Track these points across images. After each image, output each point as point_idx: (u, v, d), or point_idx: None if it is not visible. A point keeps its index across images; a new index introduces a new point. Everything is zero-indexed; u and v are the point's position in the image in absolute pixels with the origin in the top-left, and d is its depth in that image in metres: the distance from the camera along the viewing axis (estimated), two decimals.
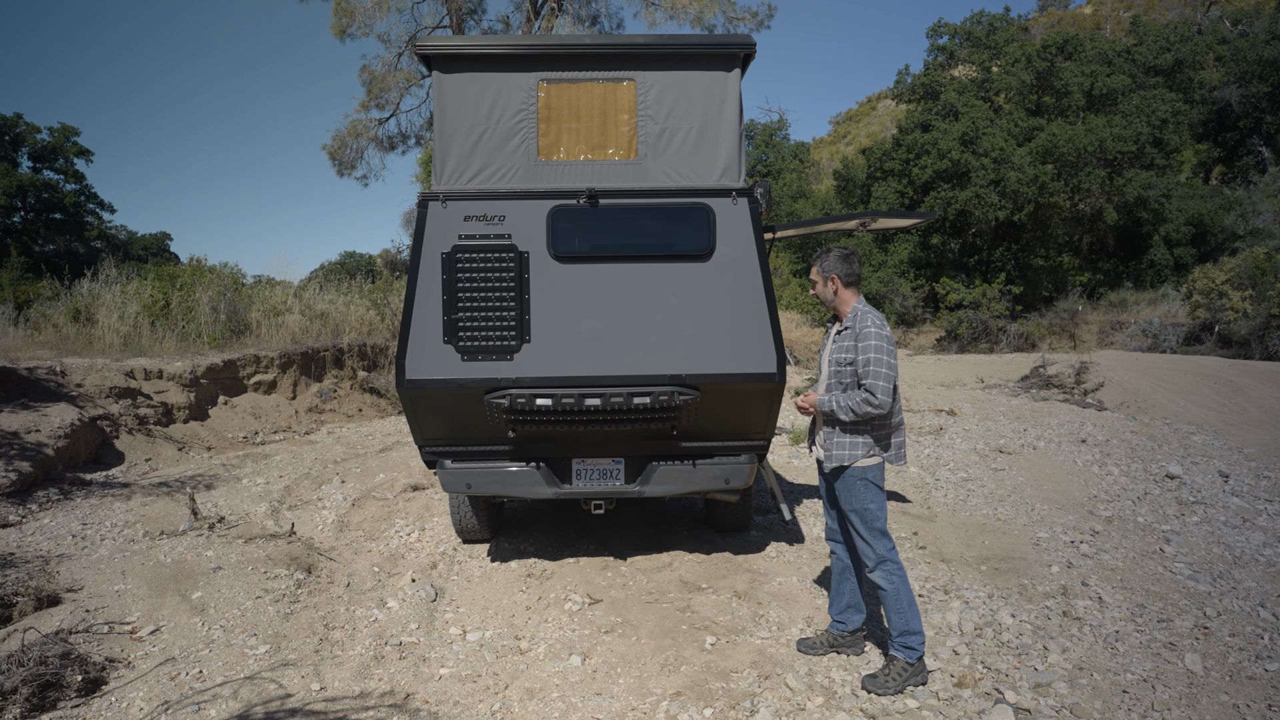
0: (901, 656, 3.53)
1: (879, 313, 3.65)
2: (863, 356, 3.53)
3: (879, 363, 3.49)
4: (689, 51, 4.34)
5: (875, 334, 3.53)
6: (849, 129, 51.58)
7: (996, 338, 25.94)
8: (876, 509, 3.59)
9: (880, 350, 3.50)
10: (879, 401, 3.47)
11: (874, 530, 3.58)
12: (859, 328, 3.60)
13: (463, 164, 4.34)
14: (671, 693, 3.44)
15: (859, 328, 3.60)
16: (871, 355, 3.50)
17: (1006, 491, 7.42)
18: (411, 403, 4.38)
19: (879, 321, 3.58)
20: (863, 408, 3.49)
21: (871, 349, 3.51)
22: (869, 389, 3.48)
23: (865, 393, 3.49)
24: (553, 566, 5.09)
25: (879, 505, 3.60)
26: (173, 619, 4.31)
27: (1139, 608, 4.49)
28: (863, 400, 3.49)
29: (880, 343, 3.52)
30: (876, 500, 3.59)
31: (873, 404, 3.48)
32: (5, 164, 32.52)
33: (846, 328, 3.66)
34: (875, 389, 3.47)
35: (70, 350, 11.22)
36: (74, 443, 7.95)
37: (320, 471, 8.01)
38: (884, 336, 3.53)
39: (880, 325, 3.57)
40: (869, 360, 3.50)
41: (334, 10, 23.15)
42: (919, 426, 11.12)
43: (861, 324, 3.60)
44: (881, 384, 3.47)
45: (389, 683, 3.64)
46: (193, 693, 3.52)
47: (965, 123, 26.77)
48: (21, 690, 3.30)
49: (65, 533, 5.87)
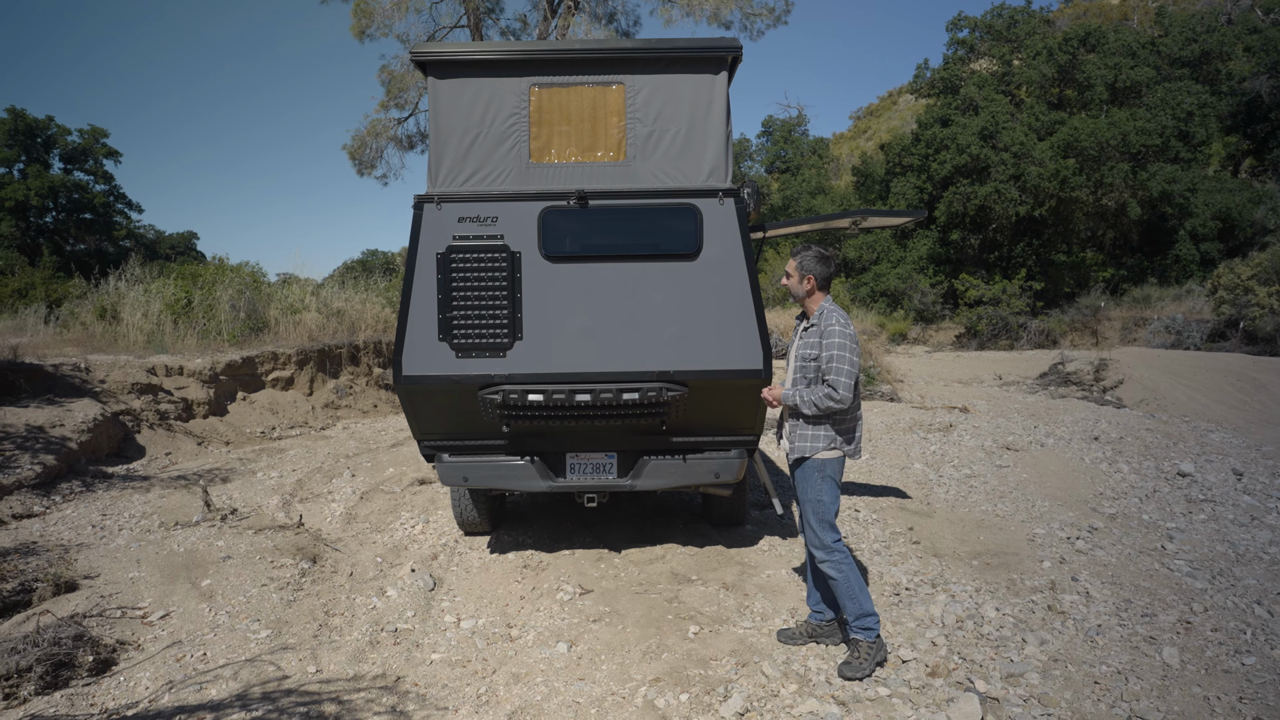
0: (863, 638, 3.67)
1: (844, 312, 3.79)
2: (826, 353, 3.66)
3: (841, 359, 3.62)
4: (676, 55, 4.44)
5: (839, 331, 3.66)
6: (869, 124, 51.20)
7: (1017, 334, 25.72)
8: (829, 501, 3.73)
9: (843, 348, 3.63)
10: (840, 396, 3.60)
11: (824, 522, 3.73)
12: (824, 325, 3.73)
13: (457, 167, 4.48)
14: (651, 679, 3.56)
15: (824, 325, 3.73)
16: (835, 352, 3.63)
17: (1009, 488, 7.43)
18: (409, 398, 4.53)
19: (843, 320, 3.72)
20: (825, 402, 3.63)
21: (835, 345, 3.64)
22: (831, 384, 3.62)
23: (828, 388, 3.63)
24: (549, 558, 5.22)
25: (832, 498, 3.74)
26: (182, 605, 4.51)
27: (1125, 603, 4.53)
28: (825, 395, 3.63)
29: (844, 340, 3.64)
30: (830, 493, 3.74)
31: (834, 399, 3.61)
32: (38, 165, 33.35)
33: (813, 325, 3.79)
34: (837, 384, 3.60)
35: (96, 347, 11.56)
36: (97, 437, 8.22)
37: (332, 466, 8.22)
38: (847, 335, 3.66)
39: (844, 324, 3.70)
40: (832, 357, 3.64)
41: (353, 11, 23.43)
42: (928, 424, 11.11)
43: (826, 322, 3.73)
44: (844, 380, 3.60)
45: (382, 666, 3.80)
46: (196, 674, 3.70)
47: (985, 117, 26.55)
48: (36, 669, 3.50)
49: (85, 523, 6.11)
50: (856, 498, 6.93)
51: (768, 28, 26.36)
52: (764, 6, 26.08)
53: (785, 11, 26.17)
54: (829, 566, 3.69)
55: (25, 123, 33.65)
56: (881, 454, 9.11)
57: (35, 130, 34.09)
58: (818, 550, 3.74)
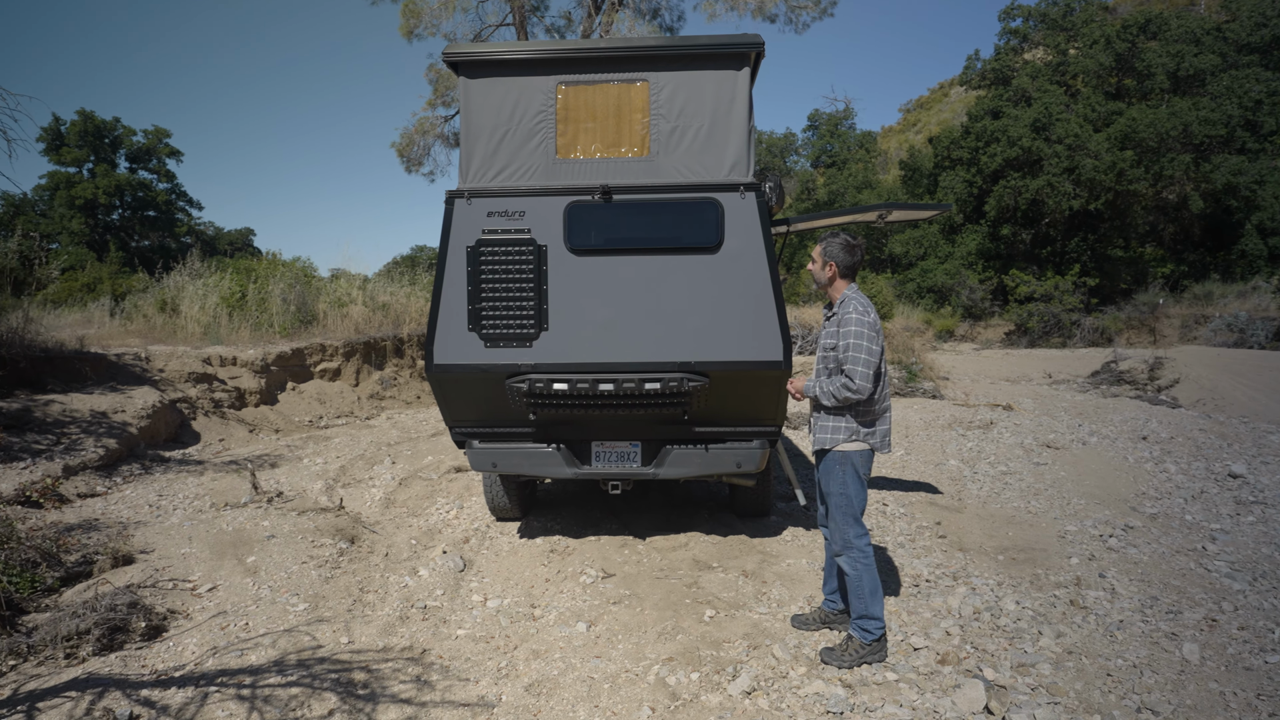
0: (857, 637, 3.66)
1: (865, 300, 3.71)
2: (843, 343, 3.60)
3: (858, 348, 3.55)
4: (700, 52, 4.52)
5: (856, 320, 3.59)
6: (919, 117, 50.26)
7: (1070, 332, 25.11)
8: (854, 495, 3.69)
9: (860, 336, 3.56)
10: (857, 386, 3.54)
11: (848, 516, 3.69)
12: (842, 314, 3.67)
13: (486, 163, 4.64)
14: (664, 658, 3.67)
15: (842, 314, 3.67)
16: (851, 341, 3.57)
17: (1044, 485, 7.34)
18: (440, 386, 4.71)
19: (862, 308, 3.63)
20: (842, 393, 3.58)
21: (851, 335, 3.57)
22: (848, 374, 3.56)
23: (844, 378, 3.57)
24: (575, 544, 5.37)
25: (857, 492, 3.69)
26: (228, 579, 4.77)
27: (1151, 600, 4.49)
28: (842, 385, 3.57)
29: (860, 329, 3.57)
30: (854, 487, 3.69)
31: (851, 389, 3.55)
32: (105, 165, 34.80)
33: (834, 314, 3.76)
34: (854, 374, 3.54)
35: (157, 338, 12.12)
36: (155, 423, 8.65)
37: (374, 453, 8.51)
38: (865, 323, 3.58)
39: (863, 312, 3.61)
40: (848, 346, 3.57)
41: (402, 11, 23.90)
42: (968, 420, 10.98)
43: (844, 310, 3.66)
44: (860, 369, 3.53)
45: (410, 639, 3.99)
46: (238, 641, 3.93)
47: (1038, 108, 25.91)
48: (94, 632, 3.77)
49: (143, 502, 6.47)
50: (886, 492, 6.93)
51: (813, 20, 26.09)
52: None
53: (831, 3, 25.88)
54: (845, 561, 3.70)
55: (94, 124, 35.19)
56: (917, 450, 9.06)
57: (103, 131, 35.62)
58: (837, 543, 3.73)
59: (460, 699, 3.38)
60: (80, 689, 3.35)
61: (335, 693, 3.40)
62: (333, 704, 3.31)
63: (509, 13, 25.23)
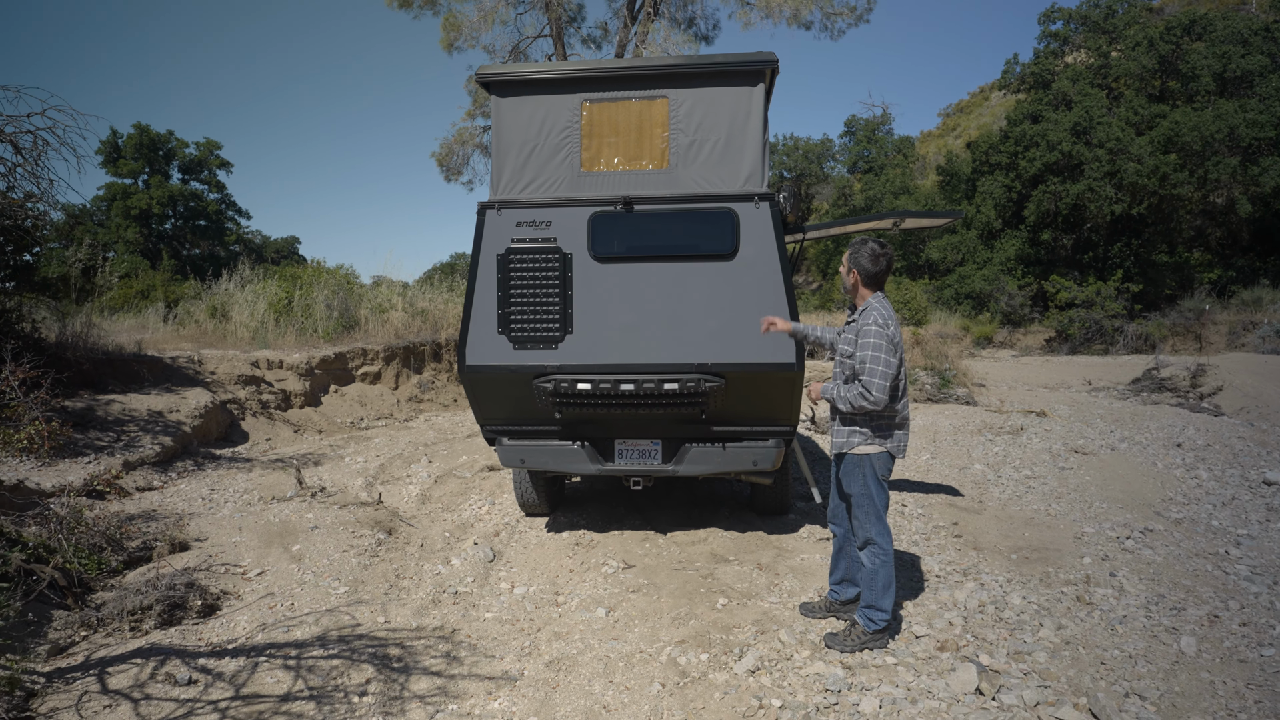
0: (861, 624, 3.82)
1: (887, 309, 3.76)
2: (860, 353, 3.68)
3: (875, 360, 3.62)
4: (716, 70, 4.77)
5: (876, 332, 3.65)
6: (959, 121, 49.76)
7: (1112, 339, 24.69)
8: (876, 495, 3.79)
9: (878, 349, 3.63)
10: (874, 399, 3.62)
11: (870, 514, 3.80)
12: (862, 323, 3.73)
13: (516, 176, 4.94)
14: (677, 640, 3.90)
15: (862, 323, 3.73)
16: (869, 354, 3.63)
17: (1068, 489, 7.40)
18: (471, 386, 5.01)
19: (882, 320, 3.69)
20: (858, 401, 3.66)
21: (870, 346, 3.64)
22: (865, 385, 3.64)
23: (860, 388, 3.65)
24: (599, 537, 5.63)
25: (879, 492, 3.80)
26: (275, 565, 5.12)
27: (1158, 597, 4.58)
28: (858, 395, 3.66)
29: (879, 340, 3.63)
30: (876, 488, 3.80)
31: (868, 399, 3.63)
32: (159, 176, 36.17)
33: (854, 320, 3.85)
34: (871, 386, 3.62)
35: (207, 342, 12.70)
36: (207, 422, 9.13)
37: (412, 453, 8.87)
38: (884, 335, 3.65)
39: (883, 324, 3.67)
40: (866, 358, 3.65)
41: (443, 25, 24.52)
42: (998, 426, 10.99)
43: (865, 320, 3.73)
44: (877, 381, 3.60)
45: (441, 620, 4.28)
46: (285, 619, 4.26)
47: (1078, 112, 25.60)
48: (155, 608, 4.13)
49: (196, 496, 6.89)
50: (907, 494, 7.06)
51: (849, 26, 26.15)
52: (845, 6, 25.91)
53: (867, 10, 25.92)
54: (865, 555, 3.82)
55: (149, 137, 36.64)
56: (943, 454, 9.14)
57: (158, 144, 37.07)
58: (860, 539, 3.85)
59: (486, 673, 3.66)
60: (145, 656, 3.69)
61: (373, 664, 3.69)
62: (370, 674, 3.61)
63: (546, 25, 25.73)
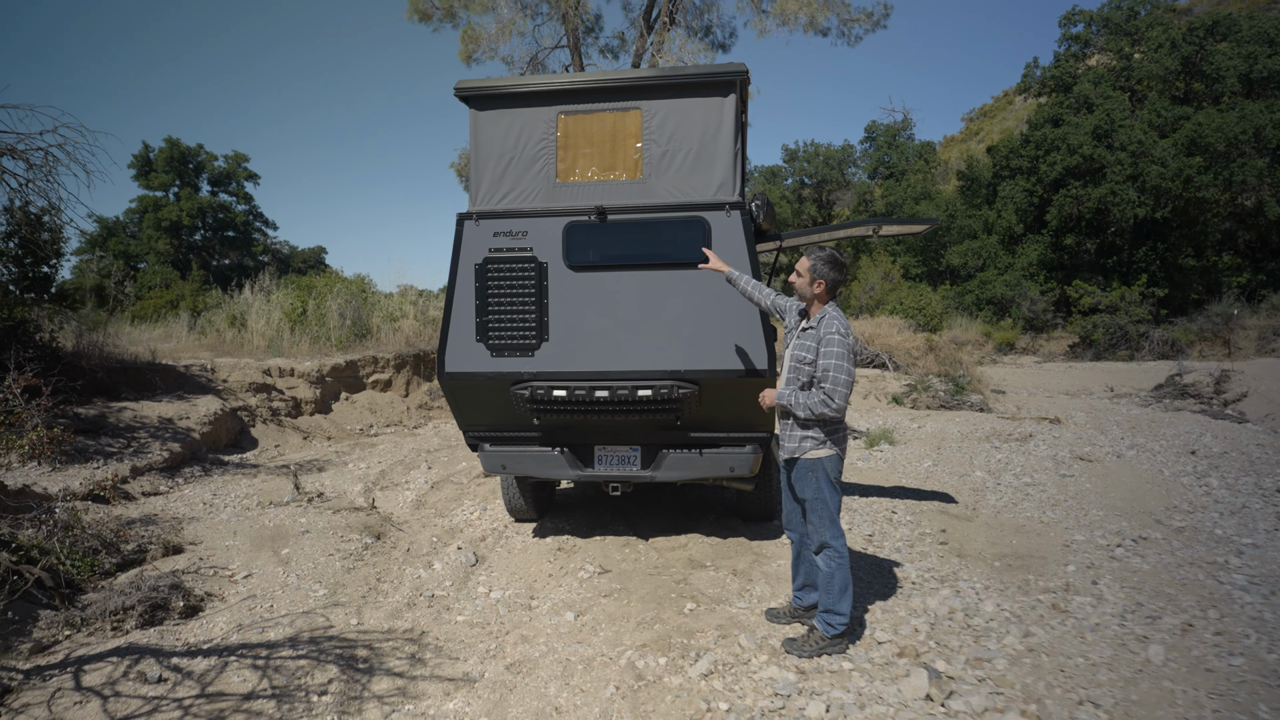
0: (820, 629, 3.85)
1: (844, 317, 3.82)
2: (823, 361, 3.72)
3: (839, 369, 3.67)
4: (688, 81, 4.83)
5: (839, 340, 3.70)
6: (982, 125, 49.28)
7: (1137, 344, 24.27)
8: (829, 498, 3.83)
9: (841, 358, 3.68)
10: (836, 406, 3.67)
11: (824, 518, 3.84)
12: (823, 331, 3.78)
13: (494, 188, 5.03)
14: (639, 644, 3.94)
15: (823, 331, 3.78)
16: (833, 362, 3.69)
17: (1066, 497, 7.32)
18: (451, 393, 5.10)
19: (843, 329, 3.75)
20: (820, 409, 3.70)
21: (834, 355, 3.69)
22: (828, 394, 3.68)
23: (823, 395, 3.69)
24: (581, 543, 5.69)
25: (831, 495, 3.84)
26: (263, 568, 5.25)
27: (1136, 606, 4.54)
28: (820, 402, 3.70)
29: (843, 350, 3.69)
30: (829, 490, 3.84)
31: (830, 407, 3.68)
32: (189, 189, 37.02)
33: (810, 328, 3.87)
34: (834, 394, 3.67)
35: (226, 350, 12.99)
36: (216, 429, 9.35)
37: (414, 459, 9.01)
38: (846, 344, 3.71)
39: (844, 333, 3.73)
40: (829, 367, 3.69)
41: (461, 38, 24.87)
42: (1006, 433, 10.88)
43: (826, 329, 3.77)
44: (840, 390, 3.66)
45: (412, 623, 4.37)
46: (262, 620, 4.38)
47: (1099, 115, 25.26)
48: (137, 608, 4.26)
49: (199, 501, 7.07)
50: (898, 500, 7.03)
51: (866, 32, 26.10)
52: (861, 11, 25.86)
53: (884, 15, 25.86)
54: (821, 559, 3.86)
55: (179, 151, 37.53)
56: (945, 461, 9.07)
57: (188, 157, 37.96)
58: (815, 542, 3.89)
59: (446, 674, 3.73)
60: (120, 655, 3.82)
61: (338, 665, 3.78)
62: (333, 674, 3.70)
63: (563, 36, 26.00)
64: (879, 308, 24.52)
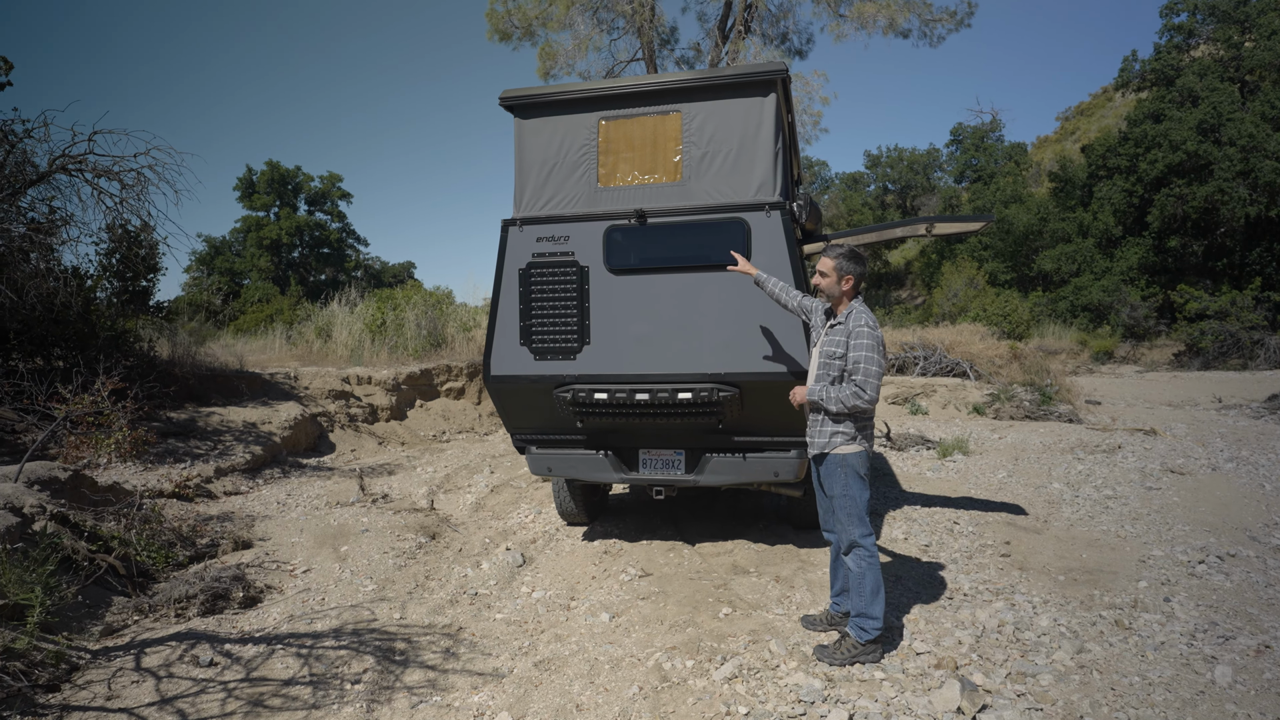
0: (853, 635, 3.73)
1: (871, 312, 3.84)
2: (854, 354, 3.74)
3: (870, 360, 3.70)
4: (727, 82, 4.81)
5: (868, 334, 3.74)
6: (1078, 124, 46.90)
7: (1251, 352, 22.61)
8: (858, 495, 3.79)
9: (872, 350, 3.72)
10: (869, 397, 3.69)
11: (852, 515, 3.79)
12: (852, 326, 3.80)
13: (537, 194, 5.13)
14: (668, 647, 3.91)
15: (852, 326, 3.80)
16: (864, 354, 3.71)
17: (1149, 511, 6.89)
18: (497, 396, 5.21)
19: (872, 322, 3.79)
20: (852, 400, 3.71)
21: (865, 347, 3.72)
22: (860, 385, 3.69)
23: (855, 387, 3.70)
24: (628, 546, 5.70)
25: (860, 491, 3.79)
26: (322, 564, 5.48)
27: (1210, 625, 4.22)
28: (853, 394, 3.70)
29: (872, 343, 3.72)
30: (857, 487, 3.79)
31: (862, 399, 3.69)
32: (288, 209, 39.11)
33: (839, 323, 3.87)
34: (866, 385, 3.69)
35: (312, 360, 13.63)
36: (296, 434, 9.81)
37: (478, 464, 9.22)
38: (875, 337, 3.74)
39: (873, 326, 3.77)
40: (860, 359, 3.72)
41: (539, 55, 25.49)
42: (1093, 445, 10.33)
43: (855, 323, 3.80)
44: (872, 381, 3.69)
45: (452, 619, 4.47)
46: (312, 612, 4.57)
47: (1205, 109, 23.74)
48: (199, 597, 4.52)
49: (274, 500, 7.43)
50: (962, 511, 6.77)
51: (949, 32, 25.41)
52: (944, 11, 25.19)
53: (968, 14, 25.12)
54: (851, 559, 3.79)
55: (279, 173, 39.80)
56: (1022, 473, 8.67)
57: (287, 179, 40.20)
58: (843, 541, 3.83)
59: (477, 669, 3.80)
60: (180, 640, 4.06)
61: (375, 656, 3.91)
62: (369, 664, 3.83)
63: (639, 48, 26.30)
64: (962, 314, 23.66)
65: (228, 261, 39.19)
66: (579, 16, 25.83)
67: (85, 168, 7.11)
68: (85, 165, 7.11)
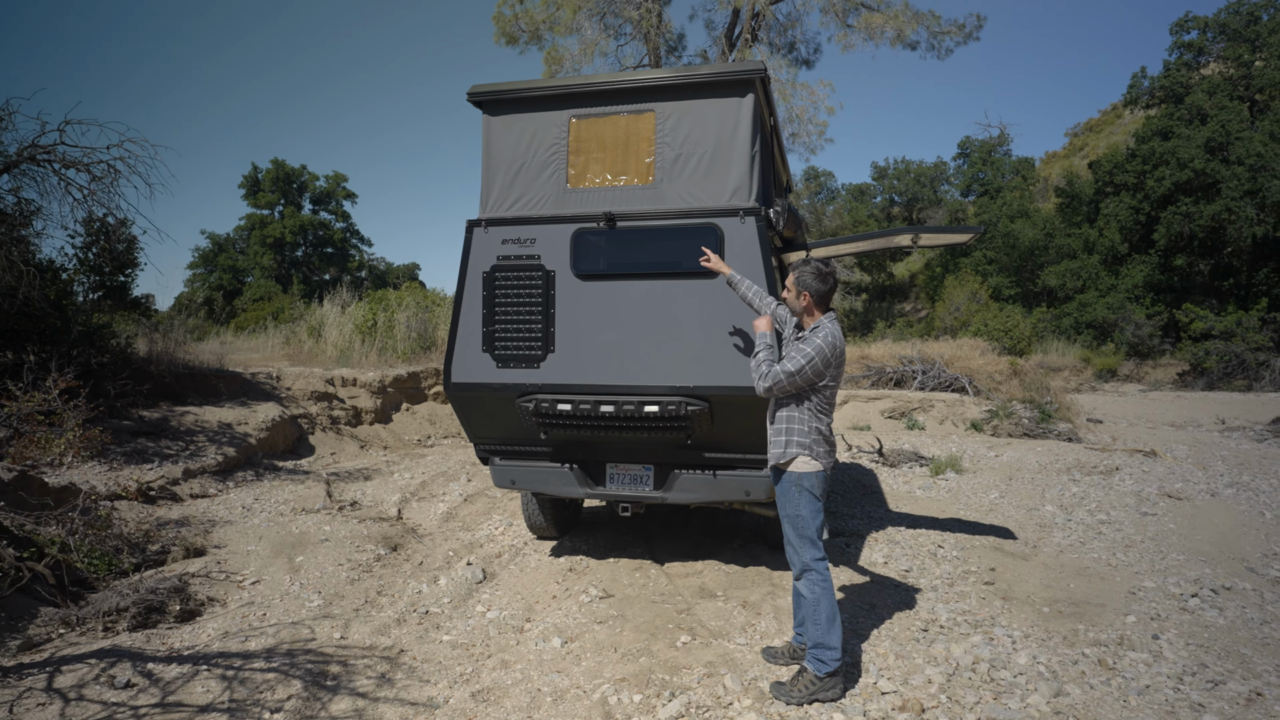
0: (811, 669, 3.48)
1: (838, 332, 3.63)
2: (797, 346, 3.60)
3: (803, 354, 3.52)
4: (703, 81, 4.59)
5: (820, 340, 3.55)
6: (1087, 140, 46.57)
7: (1256, 373, 22.27)
8: (808, 516, 3.58)
9: (808, 356, 3.52)
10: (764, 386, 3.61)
11: (803, 538, 3.58)
12: (810, 335, 3.63)
13: (504, 194, 4.91)
14: (618, 678, 3.67)
15: (810, 335, 3.63)
16: (804, 349, 3.54)
17: (1143, 538, 6.61)
18: (457, 404, 4.98)
19: (831, 337, 3.58)
20: (754, 370, 3.67)
21: (809, 345, 3.55)
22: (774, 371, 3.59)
23: (767, 368, 3.63)
24: (594, 564, 5.45)
25: (812, 513, 3.59)
26: (273, 575, 5.24)
27: (1200, 667, 3.96)
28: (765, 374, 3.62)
29: (814, 351, 3.52)
30: (809, 508, 3.59)
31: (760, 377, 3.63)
32: (292, 208, 39.03)
33: (804, 336, 3.69)
34: (773, 374, 3.58)
35: (302, 360, 13.43)
36: (274, 435, 9.59)
37: (456, 471, 8.99)
38: (822, 351, 3.53)
39: (830, 340, 3.56)
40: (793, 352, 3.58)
41: (545, 59, 25.38)
42: (1090, 466, 10.04)
43: (816, 332, 3.63)
44: (789, 366, 3.54)
45: (395, 641, 4.22)
46: (249, 629, 4.33)
47: (1213, 127, 23.45)
48: (130, 610, 4.28)
49: (239, 505, 7.20)
50: (948, 534, 6.50)
51: (957, 45, 25.24)
52: (952, 24, 25.03)
53: (977, 27, 24.95)
54: (803, 584, 3.58)
55: (284, 171, 39.74)
56: (1015, 493, 8.40)
57: (291, 177, 40.13)
58: (795, 565, 3.62)
59: (410, 698, 3.56)
60: (100, 657, 3.82)
61: (303, 680, 3.67)
62: (296, 689, 3.58)
63: (645, 55, 26.16)
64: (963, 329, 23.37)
65: (231, 259, 39.11)
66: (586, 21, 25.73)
67: (54, 158, 6.91)
68: (54, 156, 6.91)
